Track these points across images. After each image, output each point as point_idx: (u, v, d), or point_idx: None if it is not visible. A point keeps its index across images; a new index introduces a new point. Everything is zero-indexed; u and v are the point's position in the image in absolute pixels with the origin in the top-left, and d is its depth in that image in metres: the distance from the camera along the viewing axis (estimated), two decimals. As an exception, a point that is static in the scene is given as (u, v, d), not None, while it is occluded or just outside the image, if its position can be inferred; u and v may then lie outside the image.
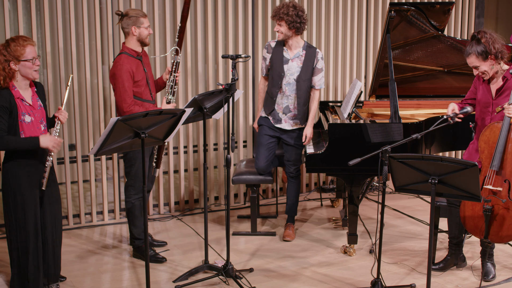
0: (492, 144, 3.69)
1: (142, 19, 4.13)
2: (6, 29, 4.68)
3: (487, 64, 3.72)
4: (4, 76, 3.33)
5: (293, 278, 4.04)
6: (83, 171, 5.29)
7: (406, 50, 5.07)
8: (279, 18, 4.43)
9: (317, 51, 4.58)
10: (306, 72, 4.53)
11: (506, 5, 8.83)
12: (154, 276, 4.03)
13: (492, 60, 3.70)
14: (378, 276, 3.67)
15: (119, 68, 4.04)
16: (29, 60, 3.36)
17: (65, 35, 5.02)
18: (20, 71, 3.37)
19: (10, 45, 3.35)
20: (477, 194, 3.17)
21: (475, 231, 3.76)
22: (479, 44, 3.70)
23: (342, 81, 6.18)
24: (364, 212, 5.39)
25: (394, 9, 4.63)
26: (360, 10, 6.12)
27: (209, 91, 3.91)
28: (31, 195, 3.45)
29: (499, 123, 3.67)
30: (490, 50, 3.67)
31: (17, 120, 3.35)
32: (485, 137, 3.72)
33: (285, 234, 4.75)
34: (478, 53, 3.70)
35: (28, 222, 3.45)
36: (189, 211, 5.52)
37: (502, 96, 3.74)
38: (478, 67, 3.74)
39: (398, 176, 3.34)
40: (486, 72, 3.75)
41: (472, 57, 3.73)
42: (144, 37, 4.17)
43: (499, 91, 3.76)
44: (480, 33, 3.73)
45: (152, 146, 4.40)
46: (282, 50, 4.57)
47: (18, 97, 3.38)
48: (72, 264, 4.25)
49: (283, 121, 4.62)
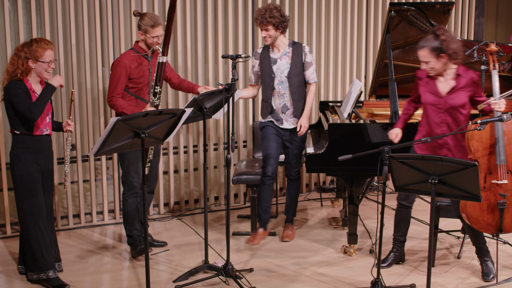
0: (485, 140, 3.73)
1: (150, 29, 4.17)
2: (6, 29, 4.68)
3: (438, 61, 3.74)
4: (21, 71, 3.67)
5: (293, 278, 4.04)
6: (83, 171, 5.29)
7: (406, 50, 5.06)
8: (266, 23, 4.41)
9: (303, 46, 4.57)
10: (296, 68, 4.53)
11: (506, 5, 8.83)
12: (154, 276, 4.03)
13: (445, 59, 3.72)
14: (378, 276, 3.67)
15: (117, 61, 4.23)
16: (45, 62, 3.68)
17: (65, 35, 5.01)
18: (36, 70, 3.70)
19: (33, 45, 3.67)
20: (477, 194, 3.17)
21: (488, 228, 3.83)
22: (436, 40, 3.71)
23: (342, 81, 6.18)
24: (364, 212, 5.38)
25: (394, 9, 4.63)
26: (360, 10, 6.12)
27: (209, 91, 3.91)
28: (39, 182, 3.78)
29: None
30: (446, 49, 3.69)
31: None
32: (476, 136, 3.75)
33: (284, 235, 4.74)
34: (433, 49, 3.71)
35: (41, 208, 3.78)
36: (189, 211, 5.52)
37: (455, 94, 3.77)
38: (429, 62, 3.75)
39: (398, 176, 3.34)
40: (435, 69, 3.77)
41: (425, 51, 3.73)
42: (150, 45, 4.23)
43: (453, 88, 3.79)
44: (440, 30, 3.74)
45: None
46: (268, 53, 4.57)
47: (31, 88, 3.72)
48: (72, 264, 4.25)
49: (284, 121, 4.62)
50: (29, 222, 3.77)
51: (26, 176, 3.73)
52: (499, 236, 4.64)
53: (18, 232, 4.85)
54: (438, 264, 4.22)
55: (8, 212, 4.86)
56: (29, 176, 3.73)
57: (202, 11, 5.46)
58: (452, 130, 3.83)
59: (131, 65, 4.19)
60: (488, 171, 3.78)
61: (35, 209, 3.75)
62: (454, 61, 3.77)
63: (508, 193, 3.78)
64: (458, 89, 3.79)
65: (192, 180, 5.60)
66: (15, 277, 4.04)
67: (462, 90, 3.79)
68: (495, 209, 3.81)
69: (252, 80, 4.73)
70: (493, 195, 3.80)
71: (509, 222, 3.83)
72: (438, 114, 3.85)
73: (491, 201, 3.80)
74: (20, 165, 3.72)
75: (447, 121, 3.84)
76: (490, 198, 3.80)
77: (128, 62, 4.19)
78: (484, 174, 3.77)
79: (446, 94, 3.81)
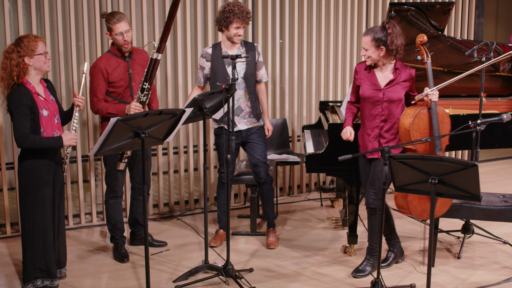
0: (424, 130, 3.83)
1: (112, 27, 4.06)
2: (6, 29, 4.68)
3: (376, 51, 3.82)
4: (17, 72, 3.48)
5: (293, 278, 4.04)
6: (83, 171, 5.29)
7: (406, 50, 5.05)
8: (248, 20, 4.34)
9: (255, 46, 4.51)
10: (251, 67, 4.44)
11: (506, 5, 8.83)
12: (154, 276, 4.03)
13: (383, 52, 3.81)
14: (378, 276, 3.67)
15: (93, 65, 4.15)
16: (41, 54, 3.55)
17: (65, 35, 5.02)
18: (34, 65, 3.54)
19: (23, 41, 3.52)
20: (477, 194, 3.17)
21: (423, 215, 3.88)
22: (382, 32, 3.80)
23: (342, 81, 6.18)
24: (364, 212, 5.37)
25: (394, 9, 4.63)
26: (360, 10, 6.12)
27: (209, 91, 3.91)
28: (47, 190, 3.63)
29: (424, 110, 3.82)
30: (390, 43, 3.78)
31: (38, 115, 3.53)
32: (415, 126, 3.82)
33: (268, 242, 4.58)
34: (375, 38, 3.80)
35: (46, 216, 3.65)
36: (189, 211, 5.52)
37: (393, 87, 3.87)
38: (368, 50, 3.84)
39: (398, 176, 3.34)
40: (372, 58, 3.86)
41: (368, 37, 3.82)
42: (118, 43, 4.12)
43: (392, 81, 3.88)
44: (389, 23, 3.82)
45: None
46: (221, 53, 4.41)
47: (35, 92, 3.56)
48: (72, 264, 4.25)
49: (236, 123, 4.46)
50: (28, 221, 3.62)
51: (33, 174, 3.59)
52: (497, 236, 4.65)
53: (18, 232, 4.87)
54: (438, 264, 4.22)
55: (8, 212, 4.85)
56: (37, 175, 3.59)
57: (202, 11, 5.46)
58: (388, 123, 3.91)
59: (107, 68, 4.10)
60: None
61: (37, 207, 3.60)
62: (394, 57, 3.88)
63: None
64: (396, 83, 3.89)
65: (192, 180, 5.60)
66: (14, 277, 4.04)
67: (400, 84, 3.90)
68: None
69: (200, 82, 4.56)
70: None
71: (438, 206, 3.88)
72: (375, 106, 3.93)
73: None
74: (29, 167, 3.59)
75: (383, 114, 3.92)
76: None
77: (104, 65, 4.10)
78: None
79: (385, 87, 3.90)
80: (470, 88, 5.24)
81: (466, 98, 5.27)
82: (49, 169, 3.64)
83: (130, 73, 4.19)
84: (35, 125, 3.53)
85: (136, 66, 4.23)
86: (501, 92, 5.25)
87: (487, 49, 4.48)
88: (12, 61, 3.47)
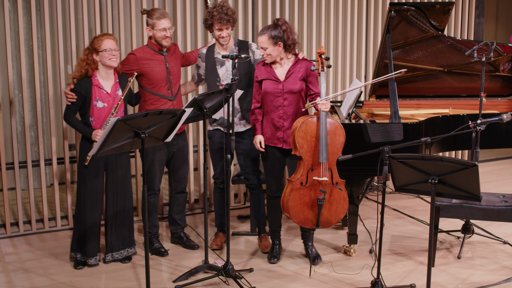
0: (310, 138, 3.90)
1: (156, 22, 4.20)
2: (6, 29, 4.68)
3: (275, 48, 3.98)
4: (86, 67, 4.00)
5: (293, 278, 4.04)
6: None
7: (406, 50, 5.06)
8: (232, 21, 4.24)
9: (250, 44, 4.44)
10: (242, 67, 4.33)
11: (506, 5, 8.84)
12: (154, 276, 4.03)
13: (280, 47, 3.98)
14: (378, 276, 3.67)
15: (130, 53, 4.34)
16: (105, 50, 3.96)
17: (65, 35, 5.02)
18: (101, 61, 4.01)
19: (93, 40, 4.04)
20: (477, 194, 3.17)
21: (306, 223, 4.00)
22: (276, 29, 3.96)
23: (342, 81, 6.18)
24: (364, 212, 5.38)
25: (394, 9, 4.63)
26: (360, 10, 6.13)
27: (209, 91, 3.90)
28: (100, 168, 4.11)
29: (313, 118, 3.90)
30: (287, 38, 3.97)
31: (89, 104, 4.01)
32: (301, 133, 3.89)
33: (263, 247, 4.52)
34: (271, 36, 3.95)
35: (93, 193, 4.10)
36: (189, 211, 5.52)
37: (292, 79, 4.03)
38: (266, 48, 3.97)
39: (398, 176, 3.34)
40: (271, 56, 4.00)
41: (264, 37, 3.96)
42: (158, 39, 4.24)
43: (289, 72, 4.04)
44: (280, 20, 4.01)
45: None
46: (213, 54, 4.38)
47: (96, 84, 4.02)
48: (72, 264, 4.24)
49: (234, 125, 4.25)
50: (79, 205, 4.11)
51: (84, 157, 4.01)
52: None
53: (18, 232, 4.87)
54: (438, 264, 4.22)
55: (8, 212, 4.85)
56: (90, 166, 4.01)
57: (202, 11, 5.46)
58: (288, 113, 4.05)
59: (142, 59, 4.24)
60: (310, 167, 3.92)
61: (87, 194, 4.07)
62: (290, 51, 4.04)
63: (328, 190, 3.93)
64: (295, 75, 4.04)
65: (192, 180, 5.60)
66: (15, 277, 4.05)
67: (298, 76, 4.04)
68: (315, 204, 3.95)
69: (195, 79, 4.61)
70: (313, 191, 3.94)
71: (326, 217, 3.99)
72: (276, 98, 4.06)
73: (311, 197, 3.94)
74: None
75: (284, 105, 4.05)
76: (311, 194, 3.95)
77: (140, 54, 4.26)
78: (306, 170, 3.91)
79: (284, 79, 4.04)
80: (470, 88, 5.25)
81: (466, 98, 5.28)
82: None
83: (168, 67, 4.29)
84: (85, 112, 4.02)
85: (171, 62, 4.35)
86: (501, 92, 5.26)
87: (487, 49, 4.49)
88: (83, 57, 4.02)
